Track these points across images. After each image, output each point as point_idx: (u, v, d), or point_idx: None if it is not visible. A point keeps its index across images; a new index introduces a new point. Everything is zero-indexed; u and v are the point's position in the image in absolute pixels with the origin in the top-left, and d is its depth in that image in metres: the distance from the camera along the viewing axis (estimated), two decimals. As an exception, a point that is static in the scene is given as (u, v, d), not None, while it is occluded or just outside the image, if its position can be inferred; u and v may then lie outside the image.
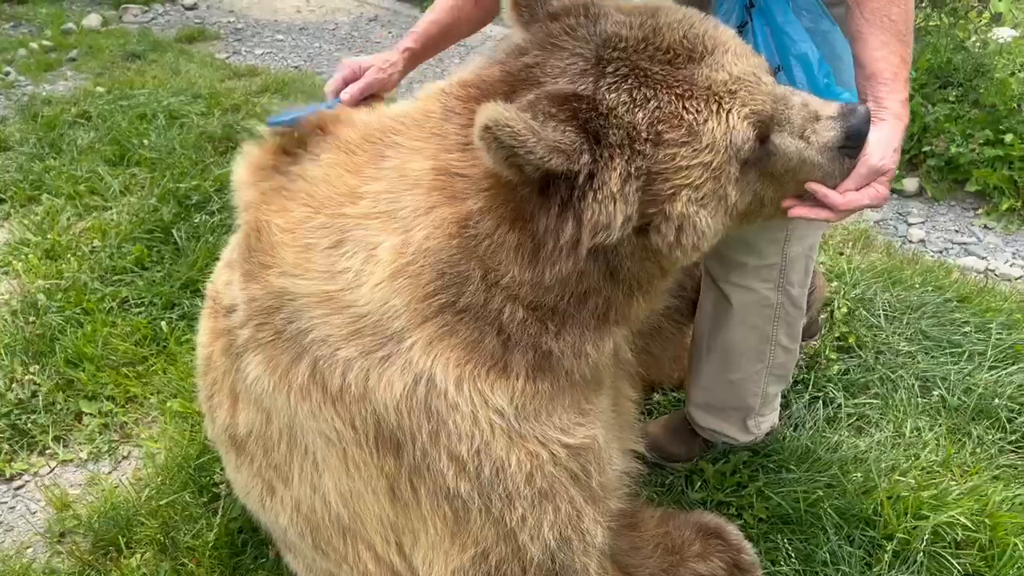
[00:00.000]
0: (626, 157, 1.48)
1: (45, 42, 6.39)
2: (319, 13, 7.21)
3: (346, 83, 2.02)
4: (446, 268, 1.58)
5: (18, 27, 6.85)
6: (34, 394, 3.05)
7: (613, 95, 1.49)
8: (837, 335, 3.07)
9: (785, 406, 2.83)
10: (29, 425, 2.95)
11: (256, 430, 1.89)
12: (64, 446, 2.93)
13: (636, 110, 1.48)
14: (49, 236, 3.86)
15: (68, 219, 4.01)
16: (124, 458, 2.89)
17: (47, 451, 2.91)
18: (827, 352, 3.01)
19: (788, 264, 2.24)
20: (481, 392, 1.61)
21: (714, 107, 1.52)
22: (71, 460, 2.89)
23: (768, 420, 2.56)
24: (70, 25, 6.82)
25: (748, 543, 2.31)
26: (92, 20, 6.92)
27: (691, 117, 1.50)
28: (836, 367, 2.93)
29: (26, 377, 3.10)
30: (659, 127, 1.49)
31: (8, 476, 2.84)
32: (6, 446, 2.91)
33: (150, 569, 2.40)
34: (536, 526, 1.72)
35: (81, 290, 3.49)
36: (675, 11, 1.61)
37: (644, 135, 1.48)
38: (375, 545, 1.84)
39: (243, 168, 1.89)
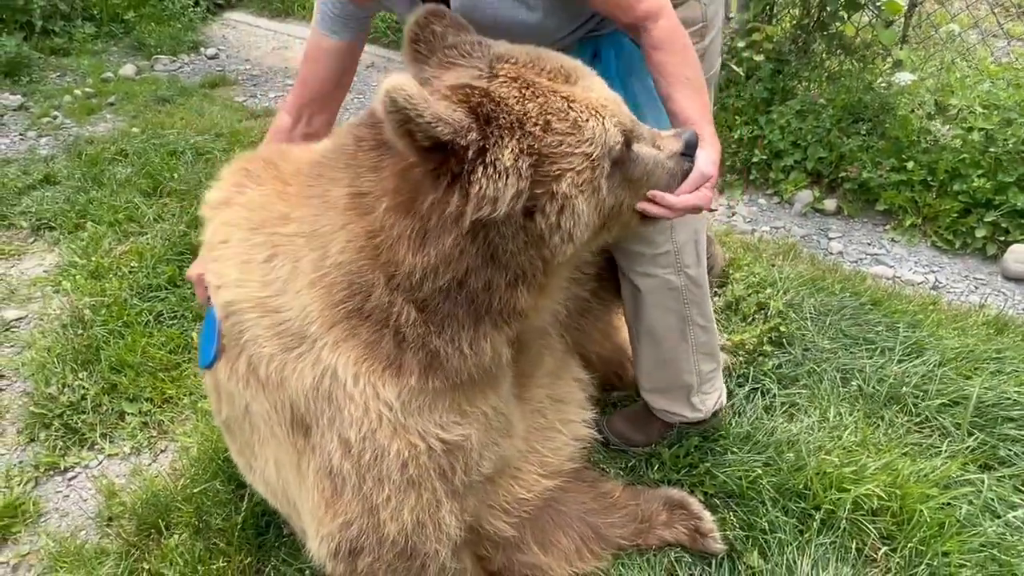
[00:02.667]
0: (517, 137, 1.47)
1: (87, 89, 6.30)
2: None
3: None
4: (355, 278, 1.59)
5: (64, 76, 6.75)
6: (83, 397, 3.01)
7: (504, 90, 1.51)
8: (770, 327, 3.09)
9: (729, 396, 2.85)
10: (79, 424, 2.91)
11: (229, 416, 1.94)
12: (110, 442, 2.89)
13: (526, 102, 1.51)
14: (93, 259, 3.81)
15: (109, 244, 3.97)
16: (162, 451, 2.86)
17: (95, 446, 2.87)
18: (764, 345, 3.04)
19: (679, 249, 2.28)
20: (374, 386, 1.62)
21: (593, 112, 1.56)
22: (116, 454, 2.85)
23: (712, 397, 2.53)
24: (109, 74, 6.74)
25: (708, 512, 2.33)
26: (128, 69, 6.84)
27: (575, 115, 1.54)
28: (771, 362, 2.95)
29: (76, 383, 3.05)
30: (548, 117, 1.51)
31: (63, 468, 2.80)
32: (60, 443, 2.87)
33: (187, 548, 2.37)
34: (398, 508, 1.71)
35: (122, 306, 3.45)
36: (551, 52, 1.68)
37: (534, 121, 1.49)
38: (296, 509, 1.90)
39: (206, 203, 1.92)
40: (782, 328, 3.06)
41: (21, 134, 5.53)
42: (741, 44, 4.78)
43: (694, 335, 2.40)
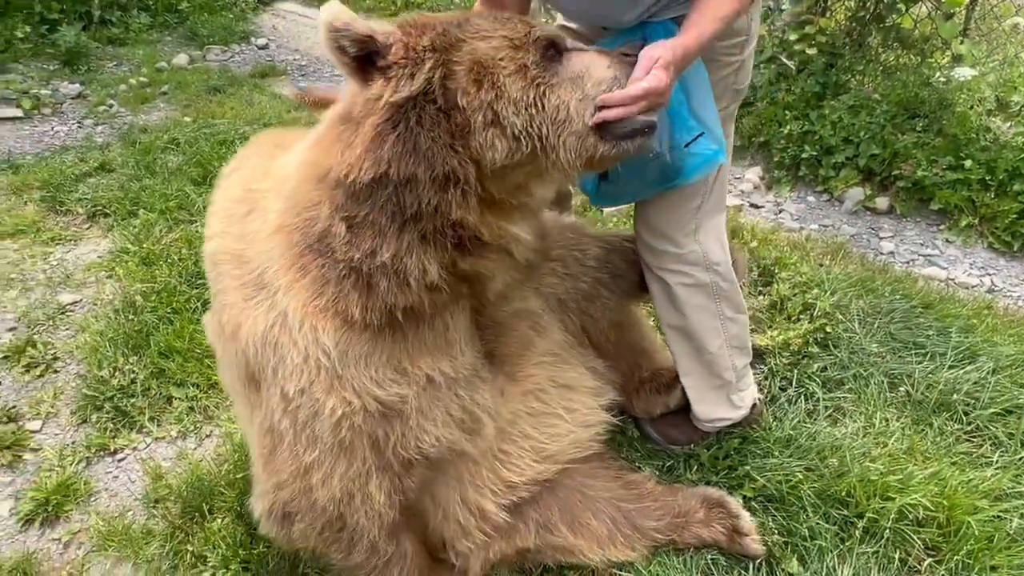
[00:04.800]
0: (436, 31, 1.56)
1: (142, 78, 6.45)
2: (372, 52, 7.23)
3: None
4: (305, 211, 1.61)
5: (120, 65, 6.92)
6: (133, 381, 3.09)
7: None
8: (816, 328, 3.02)
9: (772, 399, 2.81)
10: (129, 407, 3.00)
11: (221, 376, 2.07)
12: (158, 425, 2.97)
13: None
14: (145, 245, 3.91)
15: (160, 231, 4.06)
16: (207, 436, 2.92)
17: (144, 429, 2.95)
18: (809, 347, 2.98)
19: (705, 248, 2.28)
20: (315, 330, 1.60)
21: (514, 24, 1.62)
22: (163, 437, 2.93)
23: (748, 394, 2.53)
24: (162, 64, 6.89)
25: (747, 512, 2.30)
26: (181, 59, 6.98)
27: (497, 22, 1.62)
28: (816, 365, 2.89)
29: (126, 367, 3.14)
30: (464, 20, 1.60)
31: (113, 450, 2.88)
32: (111, 425, 2.95)
33: (228, 532, 2.42)
34: (328, 474, 1.69)
35: (171, 292, 3.53)
36: None
37: (456, 22, 1.59)
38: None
39: (221, 172, 2.10)
40: (828, 330, 3.00)
41: (79, 122, 5.69)
42: (793, 37, 4.67)
43: (726, 329, 2.39)
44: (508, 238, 1.69)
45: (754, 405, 2.58)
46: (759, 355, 2.98)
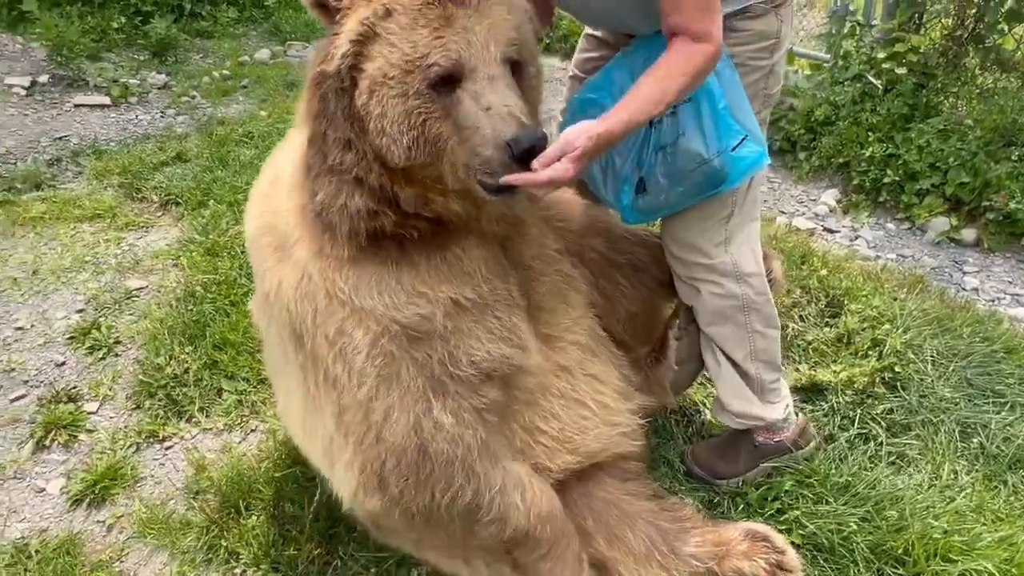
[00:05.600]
0: (367, 10, 1.60)
1: (224, 71, 6.64)
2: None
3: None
4: (299, 170, 1.78)
5: (205, 58, 7.16)
6: (186, 370, 3.15)
7: None
8: (884, 367, 2.86)
9: (829, 438, 2.66)
10: (180, 396, 3.05)
11: (266, 357, 2.16)
12: (206, 416, 3.02)
13: None
14: (211, 236, 4.01)
15: (227, 223, 4.15)
16: (252, 431, 2.96)
17: (192, 419, 3.00)
18: (875, 386, 2.81)
19: (738, 260, 2.23)
20: (325, 272, 1.73)
21: (434, 28, 1.59)
22: (211, 429, 2.97)
23: (781, 405, 2.45)
24: (245, 57, 7.08)
25: (792, 549, 2.17)
26: (263, 54, 7.17)
27: (420, 18, 1.59)
28: (881, 407, 2.72)
29: (182, 356, 3.21)
30: (396, 6, 1.60)
31: (161, 437, 2.94)
32: (161, 412, 3.01)
33: (262, 531, 2.44)
34: (388, 407, 1.72)
35: (231, 285, 3.60)
36: None
37: (384, 3, 1.60)
38: (296, 435, 2.00)
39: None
40: (897, 369, 2.83)
41: (162, 112, 5.90)
42: (881, 55, 4.45)
43: (753, 342, 2.34)
44: (438, 209, 1.77)
45: (804, 430, 2.50)
46: (820, 391, 2.84)
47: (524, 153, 1.60)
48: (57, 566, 2.41)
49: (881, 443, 2.61)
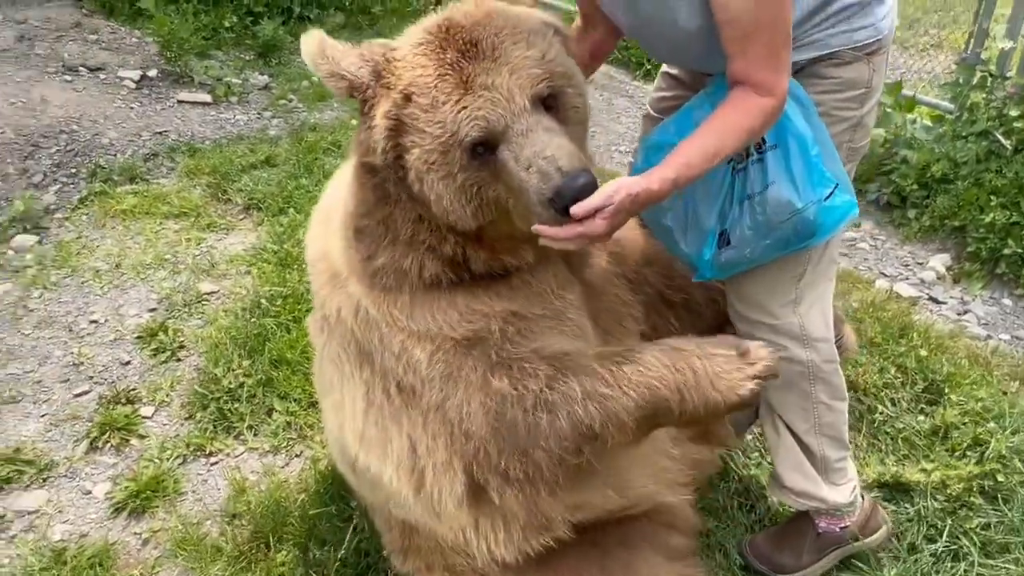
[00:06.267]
0: (389, 100, 1.63)
1: (324, 76, 6.71)
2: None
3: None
4: (350, 232, 1.87)
5: (308, 60, 7.27)
6: (241, 385, 3.14)
7: (409, 53, 1.66)
8: (985, 472, 2.55)
9: (913, 549, 2.38)
10: (231, 412, 3.04)
11: (317, 377, 2.27)
12: (254, 435, 2.99)
13: (411, 70, 1.63)
14: (284, 247, 4.01)
15: (302, 234, 4.13)
16: (296, 456, 2.91)
17: (240, 437, 2.99)
18: (971, 495, 2.51)
19: (804, 322, 2.10)
20: (384, 307, 1.82)
21: (455, 100, 1.58)
22: (256, 448, 2.94)
23: (846, 488, 2.27)
24: (346, 63, 7.14)
25: None
26: (364, 60, 7.21)
27: (436, 94, 1.59)
28: (976, 520, 2.42)
29: (239, 369, 3.20)
30: (412, 89, 1.61)
31: (208, 452, 2.93)
32: (211, 427, 3.01)
33: (289, 570, 2.37)
34: (461, 400, 1.76)
35: (297, 299, 3.58)
36: (496, 23, 1.67)
37: (401, 89, 1.62)
38: (348, 449, 2.00)
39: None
40: (1000, 478, 2.52)
41: (259, 113, 6.01)
42: (1014, 112, 4.06)
43: (819, 415, 2.17)
44: (508, 265, 1.82)
45: (872, 515, 2.32)
46: (906, 491, 2.56)
47: (572, 200, 1.58)
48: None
49: (973, 563, 2.31)
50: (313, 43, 1.67)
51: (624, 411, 1.73)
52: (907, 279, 3.93)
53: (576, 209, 1.57)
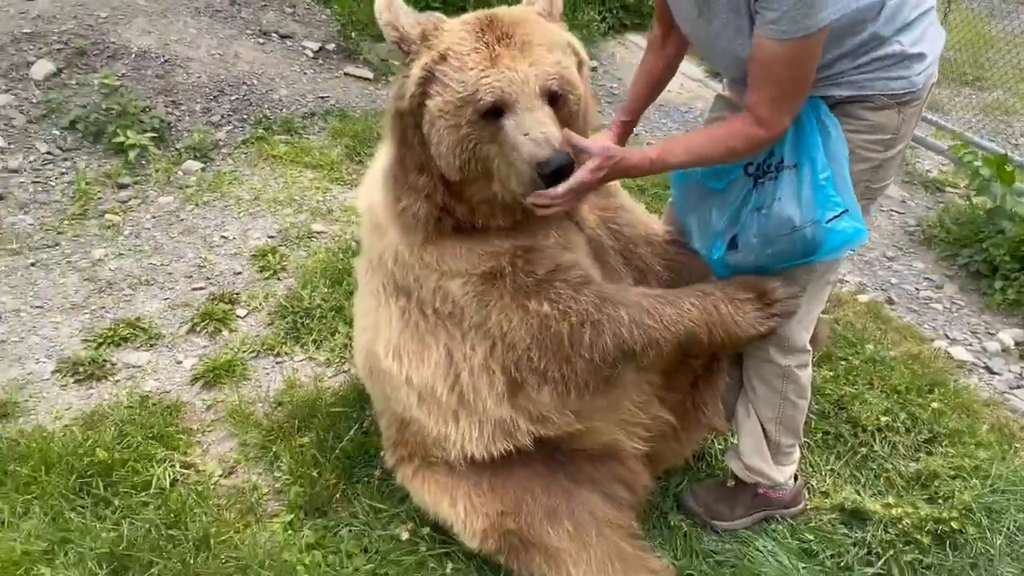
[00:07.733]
0: (428, 56, 1.94)
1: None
2: (684, 96, 7.34)
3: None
4: (389, 182, 2.19)
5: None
6: (318, 306, 3.70)
7: (455, 25, 1.99)
8: (941, 517, 2.59)
9: (846, 568, 2.50)
10: (302, 327, 3.61)
11: (356, 304, 2.74)
12: (316, 348, 3.54)
13: (452, 36, 1.96)
14: (389, 206, 4.57)
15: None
16: (344, 372, 3.41)
17: (304, 346, 3.54)
18: (921, 532, 2.56)
19: (791, 335, 2.33)
20: (417, 251, 2.20)
21: (481, 69, 1.91)
22: (315, 359, 3.48)
23: (789, 470, 2.61)
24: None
25: None
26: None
27: (467, 60, 1.91)
28: (913, 556, 2.48)
29: (320, 294, 3.78)
30: (449, 52, 1.93)
31: (276, 352, 3.51)
32: (285, 333, 3.60)
33: (305, 449, 2.88)
34: (500, 319, 2.14)
35: (384, 249, 4.11)
36: (528, 23, 2.01)
37: (440, 50, 1.94)
38: (380, 357, 2.38)
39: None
40: (955, 525, 2.55)
41: (411, 94, 6.70)
42: None
43: (783, 409, 2.46)
44: (483, 222, 2.16)
45: (799, 493, 2.68)
46: (862, 519, 2.66)
47: (553, 173, 1.91)
48: (159, 420, 3.04)
49: (897, 593, 2.40)
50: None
51: (663, 340, 2.14)
52: (969, 345, 3.86)
53: (563, 187, 1.95)
